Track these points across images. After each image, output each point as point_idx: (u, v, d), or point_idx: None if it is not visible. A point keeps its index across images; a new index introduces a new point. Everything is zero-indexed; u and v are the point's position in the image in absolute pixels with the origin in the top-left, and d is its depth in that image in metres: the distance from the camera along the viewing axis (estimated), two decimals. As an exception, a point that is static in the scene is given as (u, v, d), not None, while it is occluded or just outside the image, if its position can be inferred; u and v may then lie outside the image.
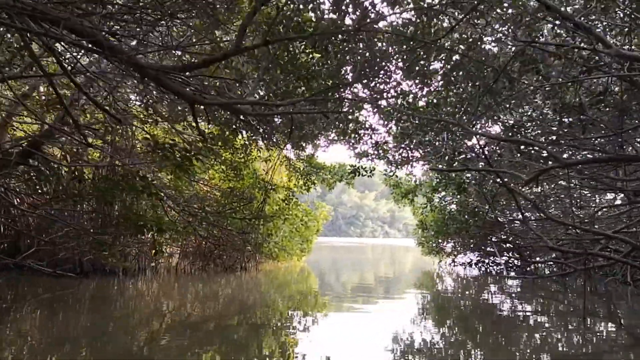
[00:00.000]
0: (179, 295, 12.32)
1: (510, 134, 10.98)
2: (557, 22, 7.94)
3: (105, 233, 10.38)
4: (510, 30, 8.84)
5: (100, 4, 6.03)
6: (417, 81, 10.68)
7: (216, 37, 8.81)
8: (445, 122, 9.53)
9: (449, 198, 17.76)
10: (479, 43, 9.32)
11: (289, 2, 7.52)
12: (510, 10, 8.42)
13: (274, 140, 13.09)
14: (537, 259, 18.36)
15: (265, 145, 13.82)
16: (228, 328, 7.86)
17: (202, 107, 10.44)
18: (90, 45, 5.63)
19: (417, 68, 10.11)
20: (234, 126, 11.49)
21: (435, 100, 10.14)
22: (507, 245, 17.88)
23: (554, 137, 10.47)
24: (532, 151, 10.31)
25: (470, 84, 10.14)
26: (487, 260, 21.60)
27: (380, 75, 10.46)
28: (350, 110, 10.71)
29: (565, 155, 11.57)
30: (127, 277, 14.44)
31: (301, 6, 7.79)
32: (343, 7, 7.38)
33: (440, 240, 20.40)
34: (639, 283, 13.15)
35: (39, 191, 10.87)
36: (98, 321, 7.95)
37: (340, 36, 8.75)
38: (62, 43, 6.56)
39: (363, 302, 11.86)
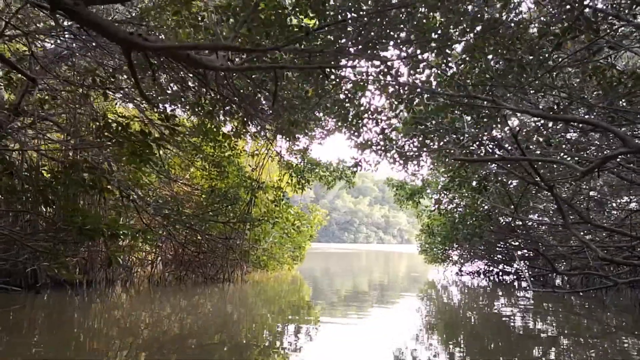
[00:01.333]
0: (150, 311, 10.51)
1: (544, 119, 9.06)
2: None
3: (42, 239, 8.26)
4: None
5: None
6: (433, 54, 8.77)
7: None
8: (472, 100, 7.57)
9: (457, 200, 15.77)
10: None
11: None
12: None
13: (260, 126, 11.08)
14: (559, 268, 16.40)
15: (251, 133, 11.80)
16: (207, 348, 6.85)
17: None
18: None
19: (434, 36, 8.19)
20: (211, 107, 9.48)
21: (457, 74, 8.18)
22: (525, 252, 15.89)
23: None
24: (577, 135, 8.37)
25: (500, 56, 8.22)
26: (495, 270, 19.68)
27: (390, 46, 8.54)
28: (352, 84, 8.75)
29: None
30: (92, 291, 12.46)
31: None
32: None
33: (447, 248, 18.42)
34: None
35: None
36: (46, 345, 6.83)
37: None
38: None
39: (362, 318, 10.33)
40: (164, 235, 14.97)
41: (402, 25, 8.13)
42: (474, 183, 12.69)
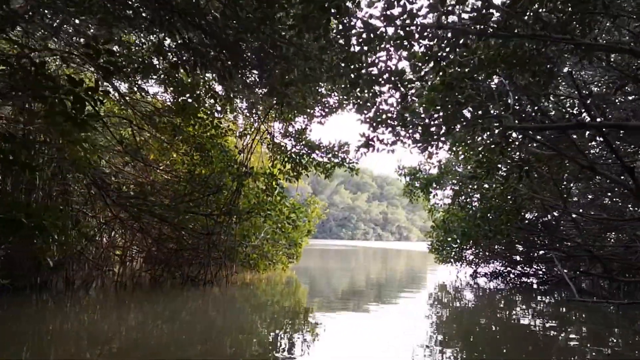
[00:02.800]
0: (115, 320, 8.77)
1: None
2: None
3: None
4: None
5: None
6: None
7: None
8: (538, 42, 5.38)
9: (482, 191, 13.51)
10: None
11: None
12: None
13: (247, 97, 8.89)
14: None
15: (236, 107, 9.59)
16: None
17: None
18: None
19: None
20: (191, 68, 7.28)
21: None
22: (557, 253, 13.70)
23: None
24: None
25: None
26: (515, 272, 17.53)
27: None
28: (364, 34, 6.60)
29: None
30: (50, 294, 10.75)
31: None
32: None
33: (464, 246, 16.21)
34: None
35: None
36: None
37: None
38: None
39: (366, 328, 8.93)
40: (134, 229, 12.78)
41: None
42: (504, 170, 10.52)
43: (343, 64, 7.24)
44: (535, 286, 16.54)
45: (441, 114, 7.76)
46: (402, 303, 12.42)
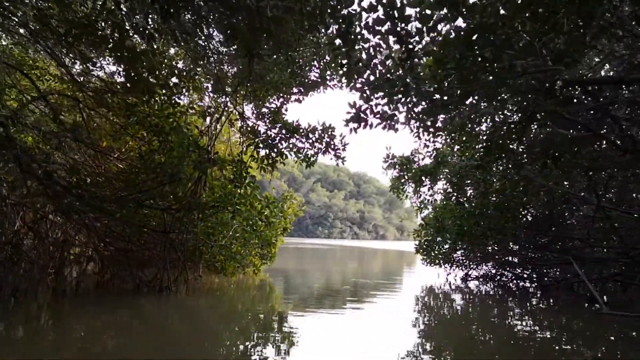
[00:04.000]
0: (42, 335, 7.24)
1: None
2: None
3: None
4: None
5: None
6: None
7: None
8: None
9: (483, 184, 11.86)
10: None
11: None
12: None
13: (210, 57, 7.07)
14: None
15: (194, 74, 7.72)
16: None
17: None
18: None
19: None
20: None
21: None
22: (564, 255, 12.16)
23: None
24: None
25: None
26: (509, 274, 16.06)
27: None
28: None
29: None
30: None
31: None
32: None
33: (457, 247, 14.59)
34: None
35: None
36: None
37: None
38: None
39: (350, 339, 7.84)
40: (78, 224, 10.73)
41: None
42: (516, 157, 8.88)
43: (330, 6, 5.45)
44: (531, 290, 15.10)
45: (447, 83, 6.04)
46: (388, 312, 10.73)
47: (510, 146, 8.26)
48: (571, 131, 6.93)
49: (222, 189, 10.74)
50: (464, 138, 9.72)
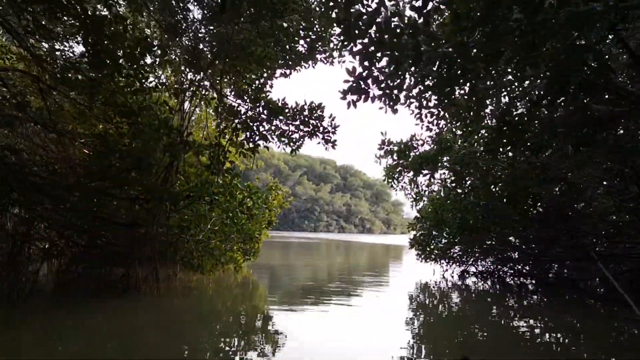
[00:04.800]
0: None
1: None
2: None
3: None
4: None
5: None
6: None
7: None
8: None
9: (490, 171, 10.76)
10: None
11: None
12: None
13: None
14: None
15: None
16: None
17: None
18: None
19: None
20: None
21: None
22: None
23: None
24: None
25: None
26: (509, 271, 15.08)
27: None
28: None
29: None
30: None
31: None
32: None
33: (456, 241, 13.51)
34: None
35: None
36: None
37: None
38: None
39: (343, 342, 7.23)
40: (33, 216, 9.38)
41: None
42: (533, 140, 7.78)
43: None
44: (531, 287, 14.14)
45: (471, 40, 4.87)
46: (383, 312, 9.65)
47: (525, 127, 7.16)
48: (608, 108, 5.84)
49: (198, 176, 9.48)
50: (470, 120, 8.59)
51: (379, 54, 5.03)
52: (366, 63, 5.24)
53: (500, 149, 7.70)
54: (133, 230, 9.64)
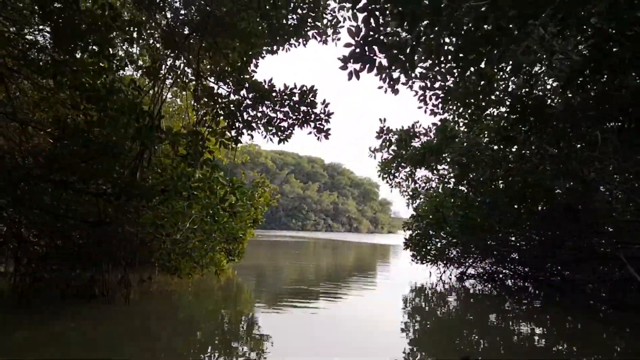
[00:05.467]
0: None
1: None
2: None
3: None
4: None
5: None
6: None
7: None
8: None
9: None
10: None
11: None
12: None
13: None
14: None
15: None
16: None
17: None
18: None
19: None
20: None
21: None
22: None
23: None
24: None
25: None
26: (509, 273, 14.21)
27: None
28: None
29: None
30: None
31: None
32: None
33: (458, 241, 12.54)
34: None
35: None
36: None
37: None
38: None
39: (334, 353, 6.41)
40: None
41: None
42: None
43: None
44: (533, 290, 13.29)
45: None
46: (376, 317, 8.74)
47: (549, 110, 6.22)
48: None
49: (174, 169, 8.40)
50: (477, 106, 7.64)
51: (388, 8, 4.03)
52: (372, 22, 4.24)
53: (517, 136, 6.77)
54: (100, 229, 8.52)
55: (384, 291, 13.02)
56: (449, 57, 4.66)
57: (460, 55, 4.30)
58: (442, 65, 5.23)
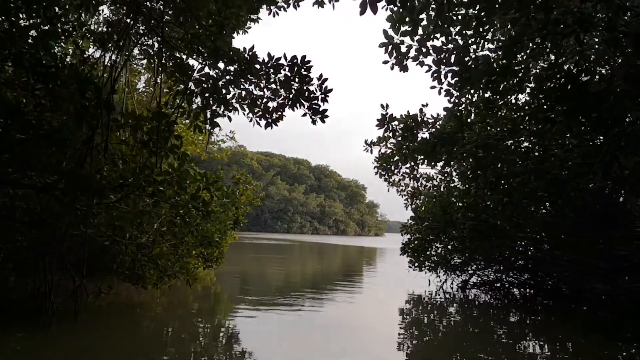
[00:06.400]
0: None
1: None
2: None
3: None
4: None
5: None
6: None
7: None
8: None
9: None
10: None
11: None
12: None
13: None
14: None
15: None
16: None
17: None
18: None
19: None
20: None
21: None
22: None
23: None
24: None
25: None
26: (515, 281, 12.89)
27: None
28: None
29: None
30: None
31: None
32: None
33: (466, 247, 11.15)
34: None
35: None
36: None
37: None
38: None
39: None
40: None
41: None
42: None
43: None
44: (545, 302, 12.00)
45: None
46: (370, 330, 7.34)
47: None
48: None
49: (134, 157, 6.88)
50: (503, 86, 6.29)
51: None
52: None
53: (557, 119, 5.43)
54: (43, 231, 6.97)
55: (379, 303, 11.66)
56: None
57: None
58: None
